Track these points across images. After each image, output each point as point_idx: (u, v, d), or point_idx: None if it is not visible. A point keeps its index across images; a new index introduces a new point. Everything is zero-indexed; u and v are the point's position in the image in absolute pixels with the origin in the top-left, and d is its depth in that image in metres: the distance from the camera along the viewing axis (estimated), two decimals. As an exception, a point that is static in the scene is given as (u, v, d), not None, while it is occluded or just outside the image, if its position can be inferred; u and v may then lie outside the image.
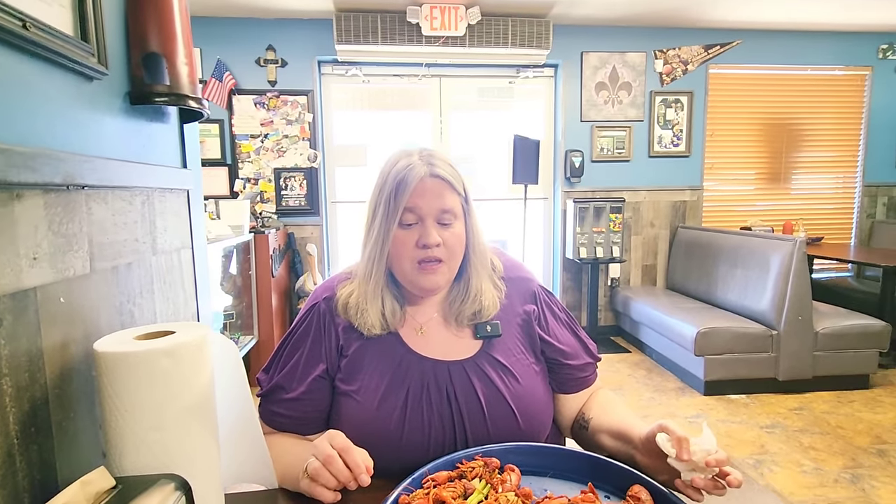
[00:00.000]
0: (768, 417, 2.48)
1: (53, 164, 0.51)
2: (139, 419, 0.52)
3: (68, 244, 0.55)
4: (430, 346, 0.81)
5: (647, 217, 3.87)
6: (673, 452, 0.63)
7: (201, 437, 0.57)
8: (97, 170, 0.59)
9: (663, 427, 0.66)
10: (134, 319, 0.69)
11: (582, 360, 0.89)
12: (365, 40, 3.21)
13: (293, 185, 3.44)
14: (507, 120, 3.76)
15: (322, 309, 0.82)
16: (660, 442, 0.65)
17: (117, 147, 0.67)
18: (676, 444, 0.63)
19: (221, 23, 3.30)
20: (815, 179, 4.07)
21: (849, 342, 2.73)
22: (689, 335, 2.76)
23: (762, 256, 2.86)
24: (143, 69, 0.70)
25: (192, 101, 0.75)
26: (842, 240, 4.14)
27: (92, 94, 0.62)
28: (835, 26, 3.74)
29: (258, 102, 3.38)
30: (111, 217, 0.63)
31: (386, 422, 0.75)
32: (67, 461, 0.54)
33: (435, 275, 0.78)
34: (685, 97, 3.78)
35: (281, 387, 0.79)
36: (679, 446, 0.63)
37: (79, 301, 0.57)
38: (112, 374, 0.51)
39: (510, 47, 3.35)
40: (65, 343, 0.55)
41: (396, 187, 0.75)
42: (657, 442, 0.65)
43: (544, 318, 0.89)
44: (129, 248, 0.68)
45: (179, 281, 0.83)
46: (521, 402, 0.79)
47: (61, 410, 0.54)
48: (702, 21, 3.61)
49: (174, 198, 0.81)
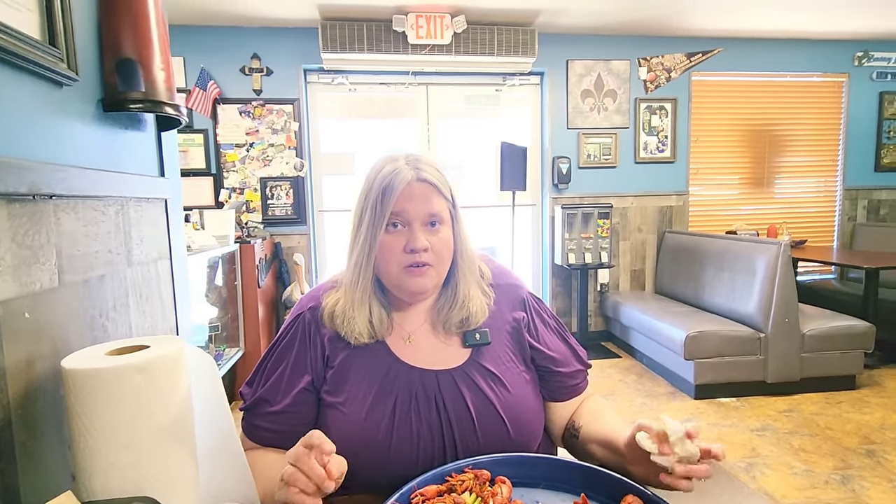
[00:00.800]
0: (758, 420, 2.49)
1: (18, 173, 0.49)
2: (109, 439, 0.49)
3: (34, 256, 0.52)
4: (417, 355, 0.80)
5: (634, 222, 3.90)
6: (655, 448, 0.62)
7: (177, 456, 0.55)
8: (67, 179, 0.57)
9: (641, 426, 0.65)
10: (107, 334, 0.66)
11: (572, 368, 0.88)
12: (351, 49, 3.21)
13: (279, 194, 3.40)
14: (495, 127, 3.78)
15: (307, 319, 0.80)
16: (640, 441, 0.64)
17: (90, 156, 0.65)
18: (656, 438, 0.62)
19: (205, 31, 3.27)
20: (798, 183, 4.14)
21: (835, 343, 2.76)
22: (679, 339, 2.77)
23: (748, 260, 2.89)
24: (116, 75, 0.68)
25: (169, 108, 0.73)
26: (824, 242, 4.20)
27: (62, 100, 0.60)
28: (812, 34, 3.83)
29: (243, 111, 3.35)
30: (82, 228, 0.61)
31: (374, 432, 0.73)
32: (32, 485, 0.51)
33: (423, 277, 0.76)
34: (669, 104, 3.84)
35: (265, 400, 0.77)
36: (659, 441, 0.62)
37: (46, 316, 0.54)
38: (80, 393, 0.48)
39: (496, 55, 3.37)
40: (30, 360, 0.52)
41: (383, 192, 0.74)
42: (637, 441, 0.64)
43: (534, 325, 0.87)
44: (102, 259, 0.65)
45: (157, 293, 0.81)
46: (511, 410, 0.78)
47: (26, 431, 0.51)
48: (683, 30, 3.67)
49: (151, 207, 0.79)
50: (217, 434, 0.65)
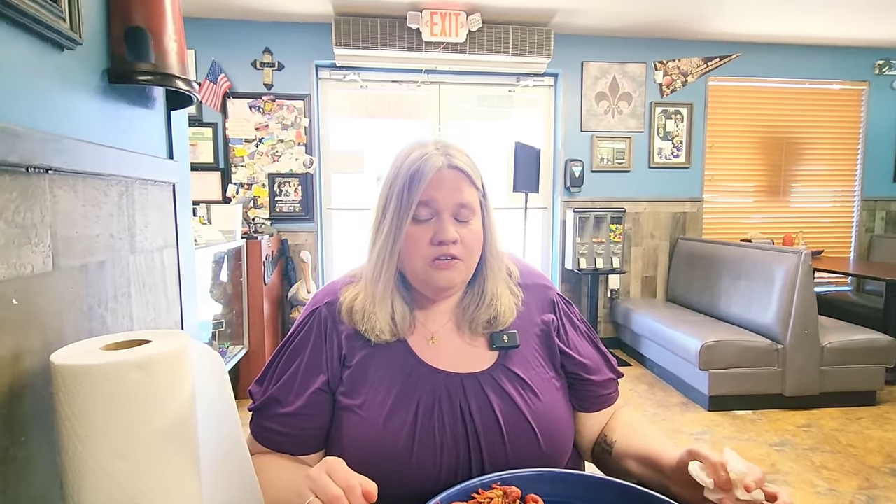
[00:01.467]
0: (776, 435, 2.41)
1: (7, 138, 0.43)
2: (102, 445, 0.43)
3: (25, 236, 0.47)
4: (441, 356, 0.73)
5: (646, 228, 3.82)
6: (710, 483, 0.57)
7: (178, 466, 0.49)
8: (64, 151, 0.51)
9: (694, 453, 0.59)
10: (106, 326, 0.60)
11: (604, 376, 0.82)
12: (364, 45, 3.16)
13: (288, 190, 3.35)
14: (507, 129, 3.71)
15: (323, 314, 0.74)
16: (693, 472, 0.59)
17: (91, 130, 0.59)
18: (712, 471, 0.56)
19: (216, 24, 3.23)
20: (814, 193, 4.05)
21: (856, 357, 2.68)
22: (693, 349, 2.69)
23: (766, 269, 2.81)
24: (124, 45, 0.63)
25: (181, 83, 0.67)
26: (841, 253, 4.11)
27: (62, 66, 0.54)
28: (832, 41, 3.75)
29: (253, 106, 3.30)
30: (81, 208, 0.55)
31: (393, 440, 0.66)
32: (15, 496, 0.45)
33: (451, 271, 0.70)
34: (685, 108, 3.77)
35: (276, 400, 0.71)
36: (716, 474, 0.56)
37: (37, 303, 0.48)
38: (71, 392, 0.42)
39: (511, 55, 3.31)
40: (17, 353, 0.46)
41: (411, 178, 0.68)
42: (690, 472, 0.59)
43: (564, 329, 0.81)
44: (103, 244, 0.59)
45: (161, 284, 0.75)
46: (542, 420, 0.71)
47: (9, 435, 0.45)
48: (702, 33, 3.60)
49: (158, 191, 0.73)
50: (223, 441, 0.58)
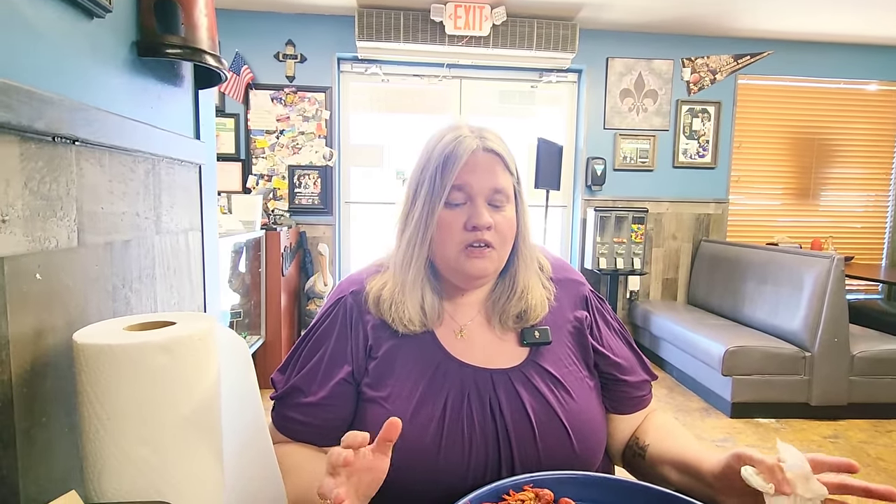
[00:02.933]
0: (802, 445, 2.33)
1: (35, 104, 0.41)
2: (124, 430, 0.41)
3: (50, 208, 0.45)
4: (470, 350, 0.70)
5: (669, 229, 3.74)
6: (770, 488, 0.52)
7: (202, 454, 0.46)
8: (92, 122, 0.49)
9: (743, 457, 0.55)
10: (130, 307, 0.59)
11: (639, 377, 0.78)
12: (387, 37, 3.14)
13: (307, 183, 3.35)
14: (528, 125, 3.66)
15: (349, 303, 0.71)
16: (747, 477, 0.54)
17: (119, 103, 0.57)
18: (769, 474, 0.52)
19: (240, 16, 3.24)
20: (845, 197, 3.91)
21: (887, 368, 2.57)
22: (717, 353, 2.62)
23: (795, 274, 2.72)
24: (154, 17, 0.61)
25: (211, 59, 0.65)
26: (872, 260, 3.97)
27: (91, 34, 0.52)
28: (869, 39, 3.61)
29: (275, 98, 3.31)
30: (107, 183, 0.53)
31: (420, 436, 0.64)
32: (35, 479, 0.43)
33: (483, 260, 0.67)
34: (713, 107, 3.66)
35: (299, 389, 0.69)
36: (773, 476, 0.51)
37: (61, 280, 0.46)
38: (93, 372, 0.40)
39: (535, 50, 3.26)
40: (39, 331, 0.44)
41: (444, 162, 0.65)
42: (744, 478, 0.54)
43: (597, 327, 0.78)
44: (129, 222, 0.58)
45: (186, 267, 0.73)
46: (575, 419, 0.68)
47: (30, 416, 0.43)
48: (732, 30, 3.50)
49: (184, 171, 0.71)
50: (246, 429, 0.56)
